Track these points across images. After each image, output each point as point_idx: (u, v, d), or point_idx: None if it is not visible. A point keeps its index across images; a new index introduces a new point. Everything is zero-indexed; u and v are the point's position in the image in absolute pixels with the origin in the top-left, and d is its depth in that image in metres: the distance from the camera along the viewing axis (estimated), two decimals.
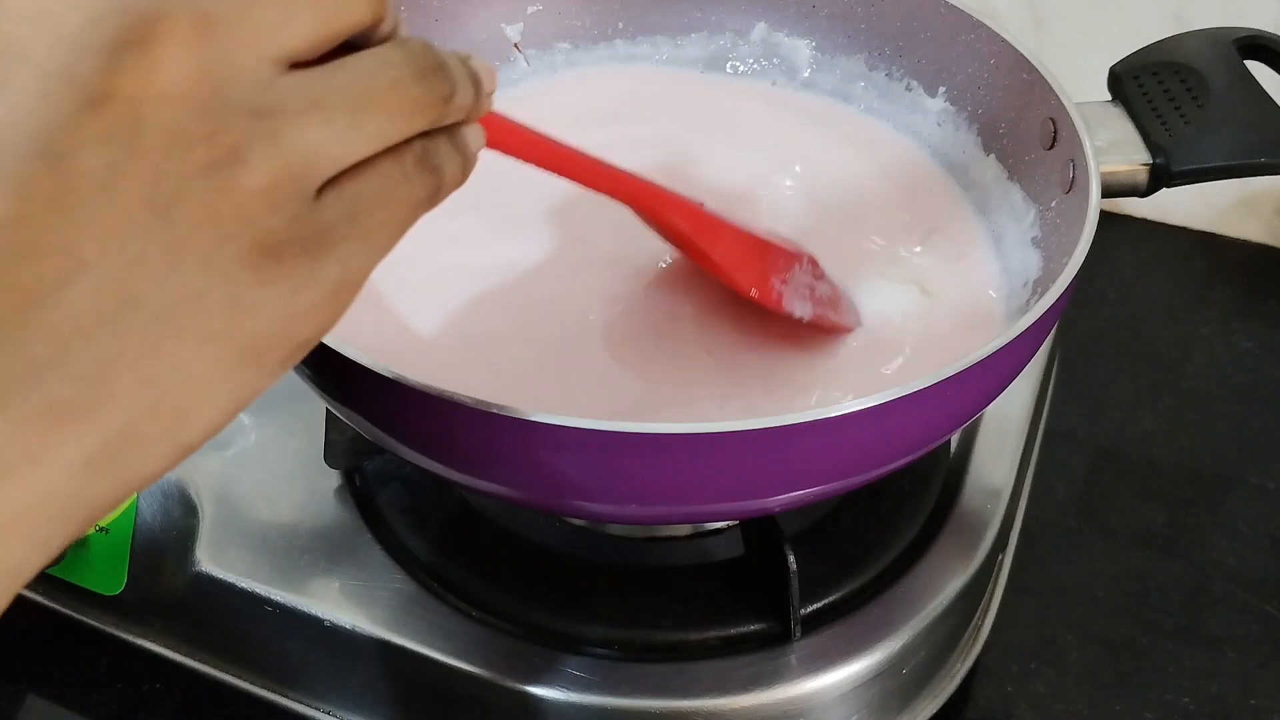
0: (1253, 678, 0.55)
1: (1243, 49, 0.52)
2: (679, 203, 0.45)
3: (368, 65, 0.27)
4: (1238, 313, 0.74)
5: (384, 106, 0.27)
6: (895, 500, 0.53)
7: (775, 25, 0.61)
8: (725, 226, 0.46)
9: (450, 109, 0.29)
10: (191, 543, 0.52)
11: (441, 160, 0.29)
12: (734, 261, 0.46)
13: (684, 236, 0.45)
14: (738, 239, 0.47)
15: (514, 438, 0.37)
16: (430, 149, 0.29)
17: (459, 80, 0.29)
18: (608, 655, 0.48)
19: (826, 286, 0.49)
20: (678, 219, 0.44)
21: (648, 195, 0.43)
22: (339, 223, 0.27)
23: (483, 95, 0.30)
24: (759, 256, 0.47)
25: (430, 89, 0.28)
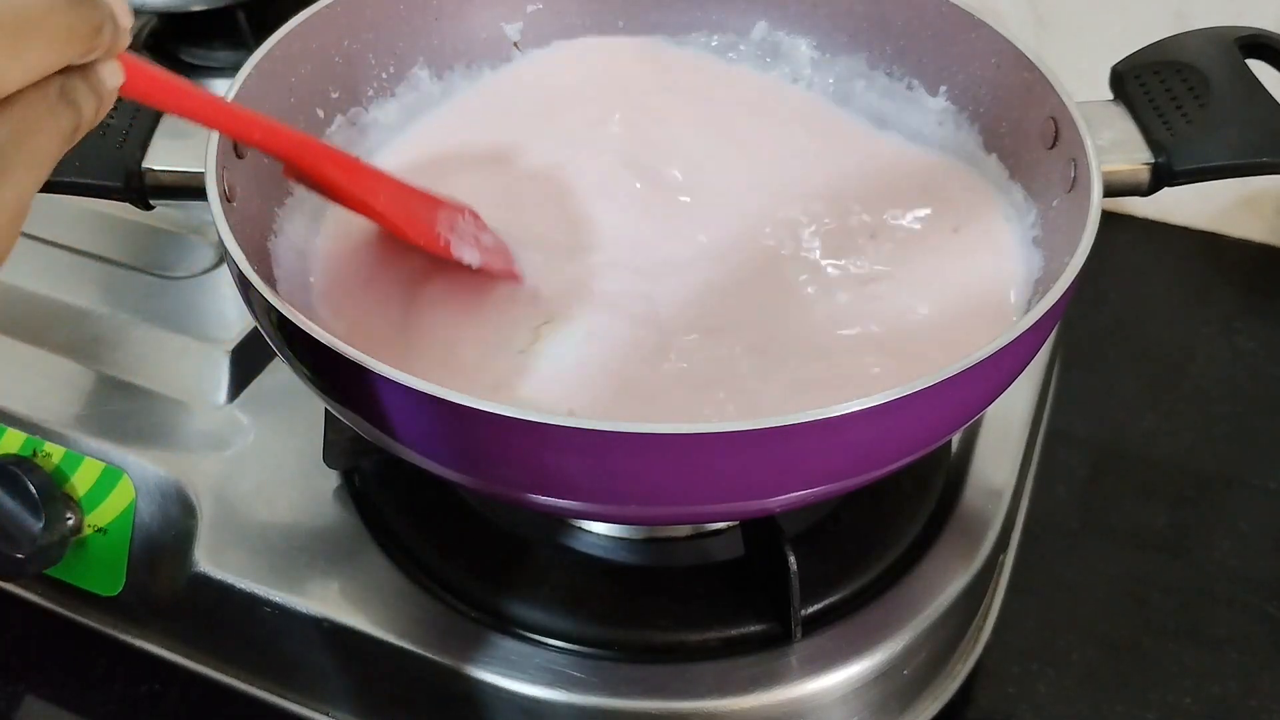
0: (1254, 678, 0.55)
1: (1244, 48, 0.52)
2: (337, 155, 0.45)
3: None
4: (1239, 312, 0.74)
5: (40, 35, 0.28)
6: (896, 500, 0.53)
7: (775, 24, 0.61)
8: (385, 179, 0.48)
9: (99, 41, 0.30)
10: (190, 543, 0.52)
11: (79, 95, 0.30)
12: (399, 213, 0.47)
13: (346, 191, 0.46)
14: (400, 191, 0.48)
15: (514, 438, 0.37)
16: (68, 85, 0.30)
17: (104, 12, 0.30)
18: (608, 656, 0.48)
19: (490, 237, 0.51)
20: (337, 172, 0.45)
21: (304, 148, 0.44)
22: (6, 148, 0.28)
23: (121, 31, 0.31)
24: (422, 207, 0.48)
25: (83, 18, 0.29)
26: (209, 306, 0.61)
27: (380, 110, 0.57)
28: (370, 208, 0.47)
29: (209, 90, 0.39)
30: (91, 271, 0.63)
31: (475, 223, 0.50)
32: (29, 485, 0.52)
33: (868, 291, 0.51)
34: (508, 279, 0.50)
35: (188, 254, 0.64)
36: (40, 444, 0.55)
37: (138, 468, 0.54)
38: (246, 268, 0.41)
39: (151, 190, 0.48)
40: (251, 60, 0.50)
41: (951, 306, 0.50)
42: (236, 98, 0.48)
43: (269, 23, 0.53)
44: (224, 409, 0.57)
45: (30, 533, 0.51)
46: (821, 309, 0.50)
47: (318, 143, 0.45)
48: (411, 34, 0.58)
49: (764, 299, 0.50)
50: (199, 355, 0.58)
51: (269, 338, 0.43)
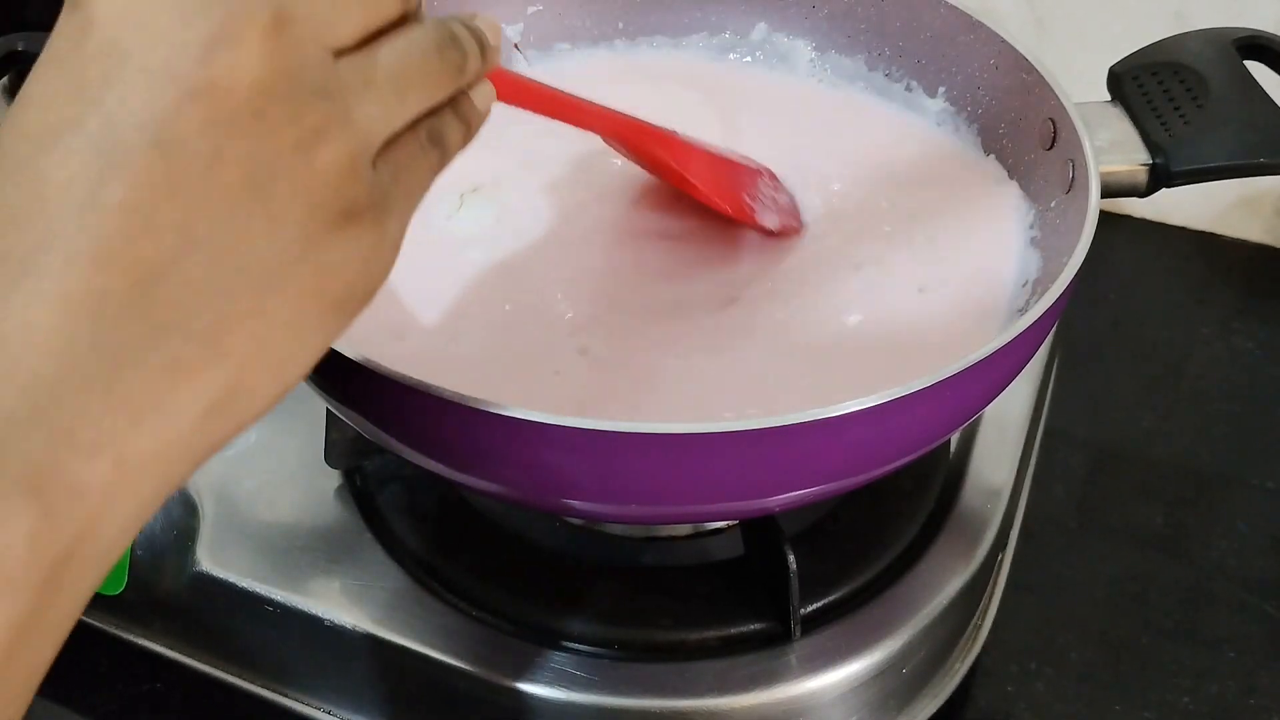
0: (1253, 677, 0.55)
1: (1242, 49, 0.52)
2: (658, 133, 0.49)
3: (401, 47, 0.31)
4: (1238, 313, 0.74)
5: (418, 81, 0.31)
6: (895, 500, 0.53)
7: (775, 25, 0.61)
8: (699, 151, 0.51)
9: (464, 76, 0.33)
10: (192, 543, 0.52)
11: (445, 130, 0.33)
12: (710, 184, 0.50)
13: (665, 165, 0.50)
14: (710, 162, 0.51)
15: (514, 438, 0.38)
16: (437, 123, 0.32)
17: (470, 49, 0.33)
18: (608, 655, 0.48)
19: (786, 196, 0.54)
20: (658, 149, 0.49)
21: (629, 128, 0.48)
22: (390, 186, 0.31)
23: (489, 54, 0.34)
24: (730, 176, 0.52)
25: (448, 60, 0.32)
26: None
27: None
28: (689, 182, 0.50)
29: (553, 87, 0.43)
30: None
31: (773, 184, 0.54)
32: None
33: (865, 290, 0.51)
34: (796, 234, 0.53)
35: None
36: None
37: None
38: None
39: None
40: None
41: (950, 306, 0.50)
42: None
43: None
44: None
45: None
46: (820, 308, 0.50)
47: (648, 125, 0.49)
48: None
49: (762, 296, 0.50)
50: None
51: None
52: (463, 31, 0.33)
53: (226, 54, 0.27)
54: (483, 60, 0.34)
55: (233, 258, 0.27)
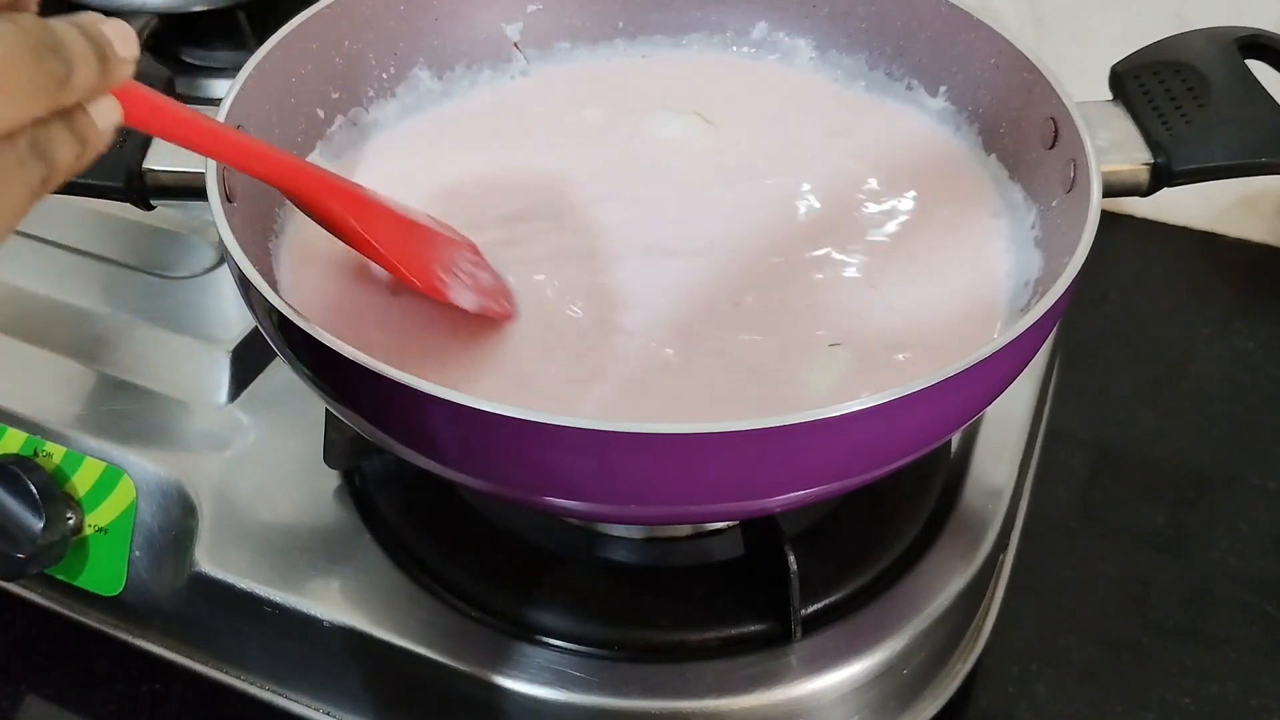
0: (1254, 678, 0.55)
1: (1244, 48, 0.52)
2: (338, 187, 0.43)
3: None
4: (1239, 313, 0.74)
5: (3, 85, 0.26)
6: (895, 500, 0.53)
7: (775, 24, 0.61)
8: (386, 212, 0.45)
9: (66, 91, 0.28)
10: (191, 543, 0.52)
11: (52, 146, 0.28)
12: (397, 250, 0.45)
13: (345, 224, 0.44)
14: (400, 226, 0.45)
15: (514, 438, 0.37)
16: (42, 137, 0.28)
17: (78, 58, 0.28)
18: (608, 655, 0.48)
19: (488, 276, 0.48)
20: (337, 204, 0.43)
21: (304, 178, 0.42)
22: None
23: (112, 67, 0.29)
24: (423, 244, 0.46)
25: (45, 69, 0.27)
26: (209, 306, 0.61)
27: (381, 111, 0.57)
28: (369, 245, 0.44)
29: (209, 118, 0.38)
30: (92, 271, 0.63)
31: (475, 261, 0.48)
32: (30, 485, 0.52)
33: (865, 289, 0.51)
34: (502, 319, 0.48)
35: (188, 254, 0.64)
36: (41, 444, 0.55)
37: (138, 467, 0.54)
38: (247, 268, 0.41)
39: (152, 190, 0.48)
40: (252, 61, 0.50)
41: (950, 306, 0.50)
42: (237, 98, 0.48)
43: (269, 23, 0.53)
44: (225, 409, 0.57)
45: (31, 532, 0.51)
46: (820, 308, 0.50)
47: (327, 177, 0.43)
48: (412, 35, 0.58)
49: (765, 296, 0.50)
50: (199, 355, 0.58)
51: (269, 338, 0.43)
52: (74, 38, 0.28)
53: None
54: (101, 73, 0.29)
55: None
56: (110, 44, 0.29)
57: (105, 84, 0.29)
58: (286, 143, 0.52)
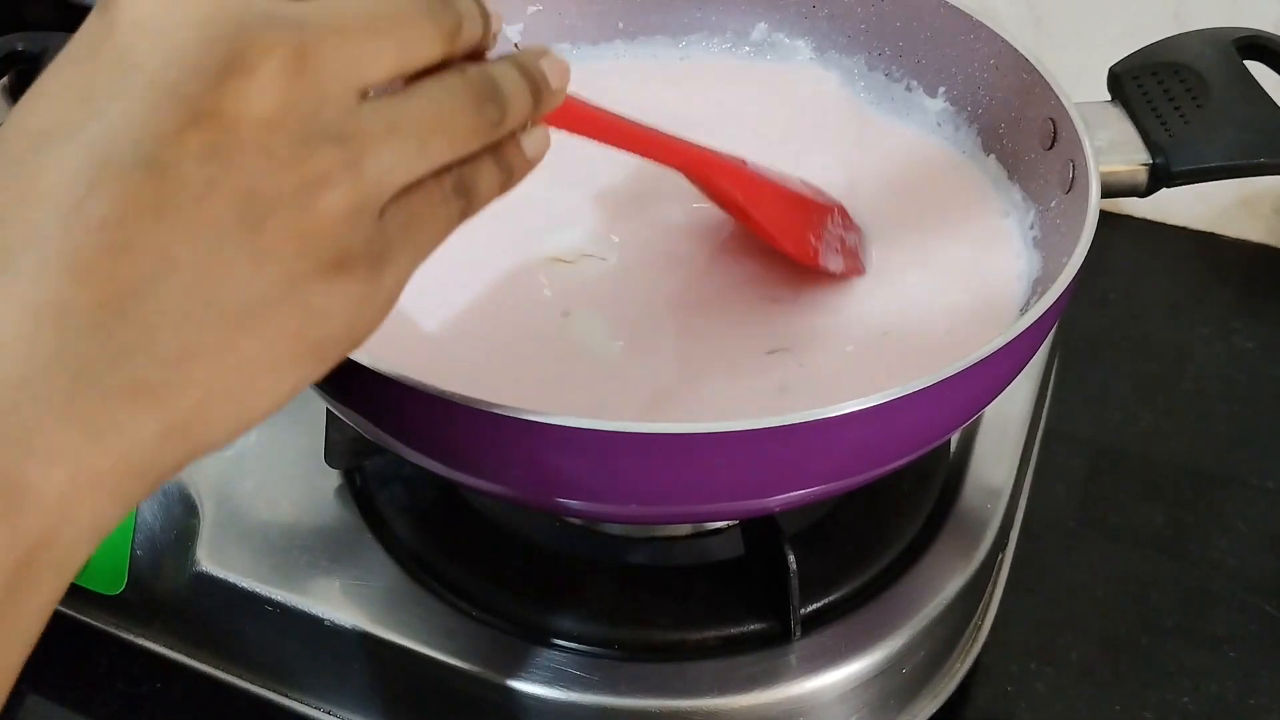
0: (1253, 677, 0.55)
1: (1242, 49, 0.52)
2: (725, 165, 0.47)
3: (435, 93, 0.30)
4: (1238, 313, 0.74)
5: (446, 133, 0.30)
6: (895, 500, 0.53)
7: (775, 26, 0.61)
8: (767, 186, 0.49)
9: (500, 130, 0.31)
10: (192, 542, 0.52)
11: (478, 179, 0.31)
12: (776, 222, 0.48)
13: (732, 199, 0.48)
14: (779, 198, 0.49)
15: (514, 438, 0.38)
16: (467, 172, 0.31)
17: (512, 100, 0.31)
18: (608, 655, 0.48)
19: (854, 236, 0.52)
20: (725, 182, 0.47)
21: (696, 159, 0.46)
22: (396, 236, 0.29)
23: (545, 98, 0.33)
24: (799, 214, 0.50)
25: (484, 115, 0.30)
26: None
27: None
28: (754, 220, 0.48)
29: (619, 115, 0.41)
30: None
31: (843, 222, 0.52)
32: None
33: (865, 290, 0.51)
34: (856, 274, 0.51)
35: None
36: None
37: None
38: None
39: None
40: None
41: (949, 306, 0.50)
42: None
43: None
44: None
45: None
46: (819, 308, 0.50)
47: (714, 156, 0.46)
48: None
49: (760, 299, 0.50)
50: None
51: None
52: (512, 80, 0.31)
53: (239, 82, 0.26)
54: (535, 108, 0.32)
55: (210, 290, 0.27)
56: (545, 79, 0.32)
57: (536, 117, 0.33)
58: None
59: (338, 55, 0.28)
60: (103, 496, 0.27)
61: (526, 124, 0.33)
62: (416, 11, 0.29)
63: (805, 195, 0.51)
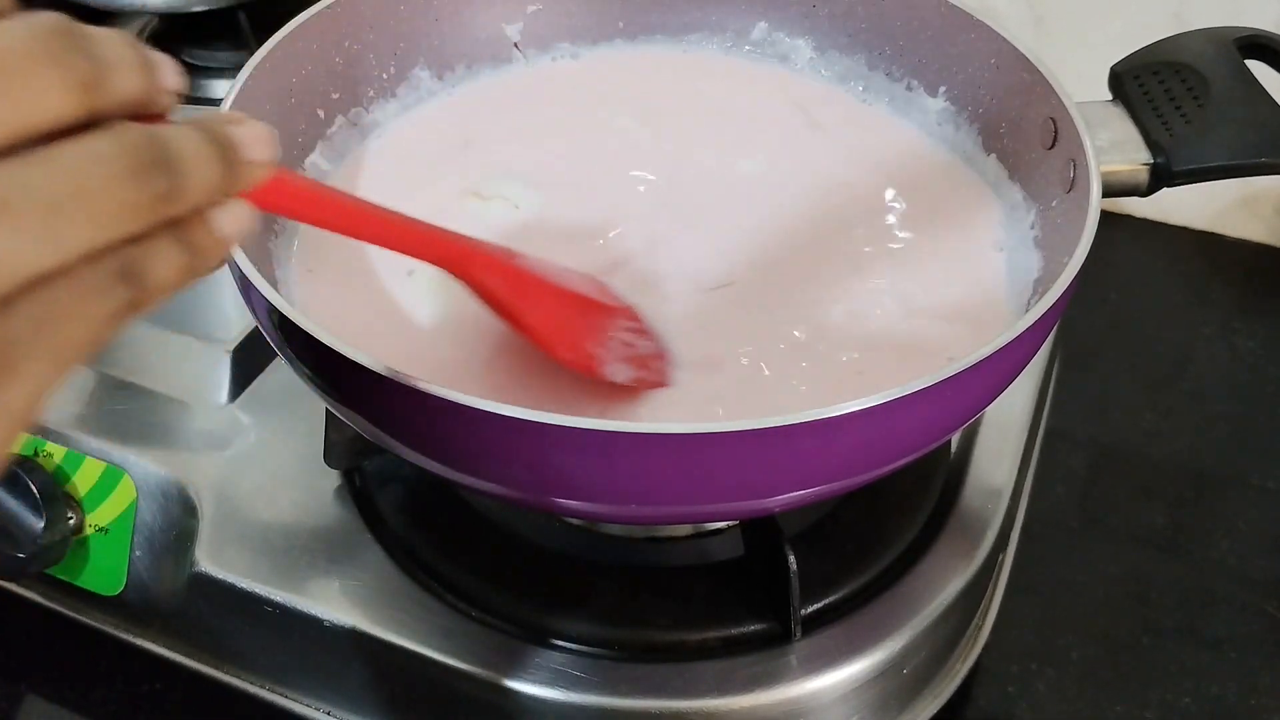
0: (1253, 677, 0.55)
1: (1243, 48, 0.52)
2: (486, 259, 0.41)
3: (70, 160, 0.23)
4: (1238, 312, 0.74)
5: (85, 210, 0.23)
6: (895, 500, 0.53)
7: (775, 25, 0.61)
8: (537, 283, 0.43)
9: (174, 206, 0.25)
10: (191, 543, 0.52)
11: (152, 265, 0.25)
12: (548, 325, 0.43)
13: (498, 298, 0.42)
14: (552, 297, 0.43)
15: (514, 438, 0.37)
16: (137, 256, 0.25)
17: (190, 168, 0.25)
18: (608, 655, 0.48)
19: (649, 344, 0.46)
20: (488, 279, 0.41)
21: (458, 255, 0.40)
22: (22, 339, 0.23)
23: (240, 169, 0.27)
24: (576, 316, 0.44)
25: (144, 187, 0.24)
26: (209, 306, 0.61)
27: (381, 111, 0.57)
28: (523, 323, 0.42)
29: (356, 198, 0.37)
30: None
31: (633, 326, 0.46)
32: (30, 485, 0.52)
33: (865, 290, 0.51)
34: (655, 387, 0.45)
35: None
36: (41, 444, 0.55)
37: (139, 467, 0.54)
38: (248, 268, 0.41)
39: None
40: (252, 61, 0.50)
41: (950, 306, 0.50)
42: (237, 98, 0.48)
43: (270, 23, 0.53)
44: (225, 409, 0.57)
45: (32, 532, 0.51)
46: (819, 308, 0.50)
47: (477, 247, 0.41)
48: (412, 35, 0.58)
49: (765, 296, 0.50)
50: (200, 355, 0.58)
51: (270, 338, 0.43)
52: (190, 145, 0.25)
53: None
54: (223, 180, 0.26)
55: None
56: (237, 148, 0.27)
57: (228, 191, 0.27)
58: (287, 143, 0.52)
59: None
60: None
61: (215, 200, 0.27)
62: (31, 54, 0.23)
63: (586, 294, 0.45)
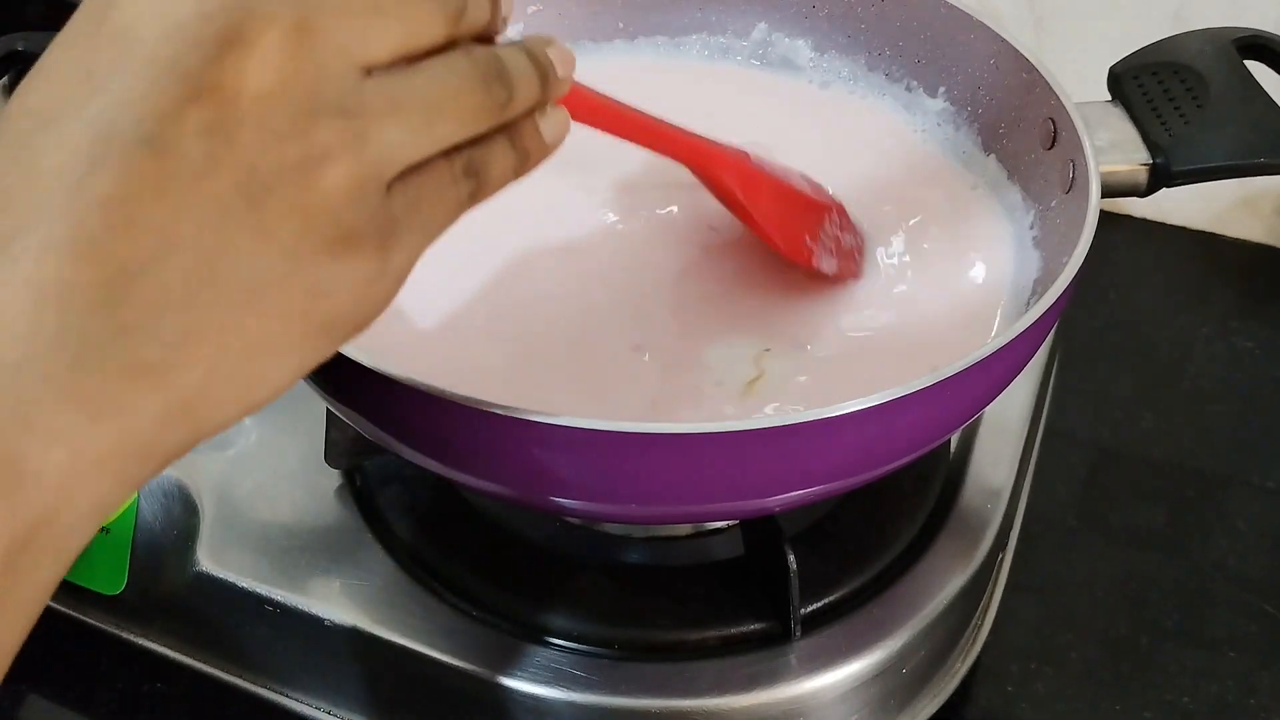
0: (1253, 678, 0.55)
1: (1242, 49, 0.52)
2: (726, 159, 0.47)
3: (439, 73, 0.29)
4: (1238, 313, 0.74)
5: (452, 112, 0.29)
6: (895, 500, 0.53)
7: (775, 25, 0.61)
8: (767, 181, 0.48)
9: (509, 111, 0.31)
10: (192, 542, 0.52)
11: (490, 162, 0.31)
12: (772, 220, 0.48)
13: (730, 194, 0.47)
14: (777, 195, 0.49)
15: (513, 437, 0.38)
16: (478, 154, 0.31)
17: (519, 82, 0.31)
18: (608, 655, 0.48)
19: (851, 237, 0.51)
20: (726, 176, 0.47)
21: (700, 153, 0.46)
22: (403, 216, 0.29)
23: (553, 84, 0.33)
24: (796, 212, 0.49)
25: (492, 95, 0.30)
26: None
27: None
28: (750, 215, 0.48)
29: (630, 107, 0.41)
30: None
31: (841, 221, 0.51)
32: None
33: (865, 290, 0.51)
34: (850, 278, 0.51)
35: None
36: None
37: None
38: None
39: None
40: None
41: (950, 306, 0.50)
42: None
43: None
44: None
45: None
46: (819, 308, 0.50)
47: (716, 149, 0.47)
48: None
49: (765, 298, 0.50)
50: None
51: None
52: (520, 63, 0.31)
53: (238, 56, 0.26)
54: (543, 92, 0.32)
55: (213, 268, 0.26)
56: (552, 66, 0.33)
57: (544, 101, 0.33)
58: None
59: (339, 30, 0.27)
60: (104, 477, 0.27)
61: (535, 108, 0.33)
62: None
63: (805, 193, 0.51)
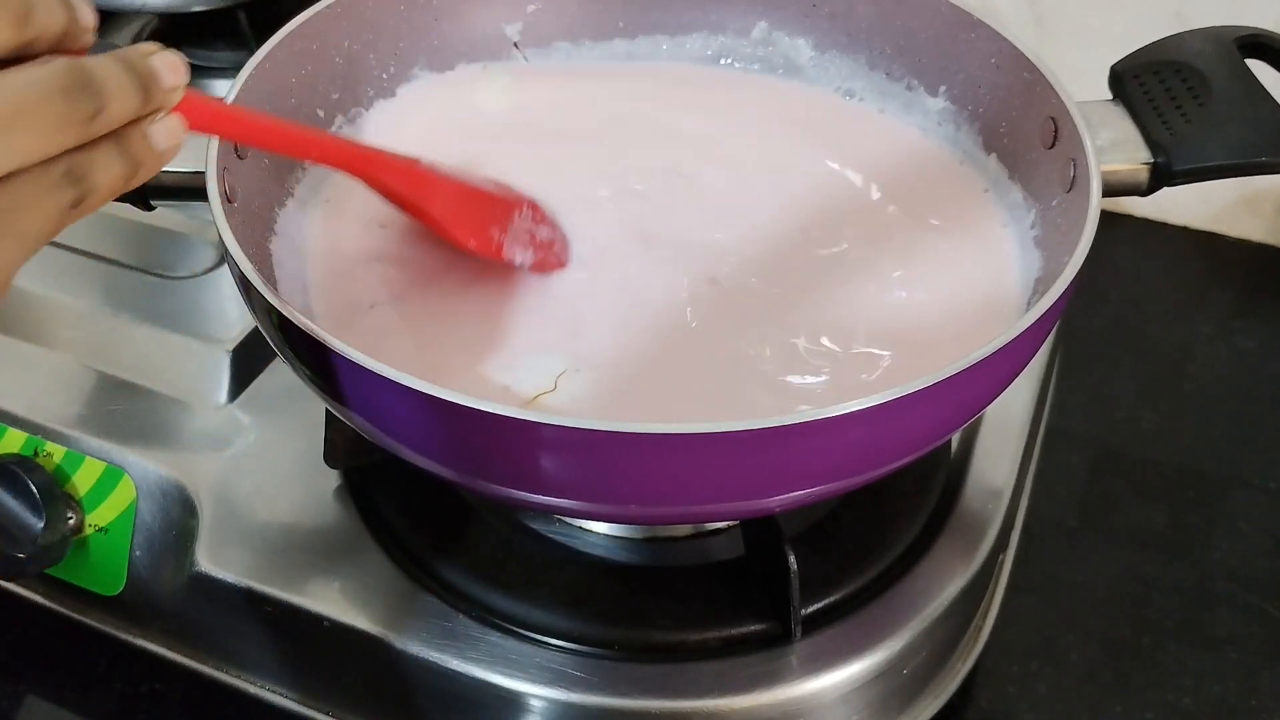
0: (1254, 678, 0.55)
1: (1244, 48, 0.52)
2: (391, 162, 0.46)
3: (12, 84, 0.29)
4: (1238, 312, 0.74)
5: (28, 123, 0.29)
6: (895, 500, 0.53)
7: (775, 24, 0.61)
8: (440, 182, 0.48)
9: (102, 120, 0.31)
10: (191, 543, 0.52)
11: (94, 169, 0.31)
12: (451, 216, 0.48)
13: (401, 196, 0.47)
14: (452, 193, 0.48)
15: (513, 438, 0.37)
16: (80, 161, 0.31)
17: (111, 92, 0.31)
18: (608, 655, 0.48)
19: (547, 230, 0.51)
20: (392, 179, 0.46)
21: (360, 159, 0.46)
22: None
23: (155, 93, 0.32)
24: (477, 208, 0.49)
25: (74, 106, 0.30)
26: (209, 306, 0.61)
27: (381, 111, 0.57)
28: (426, 214, 0.48)
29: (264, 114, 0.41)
30: (92, 271, 0.63)
31: (534, 215, 0.51)
32: (30, 485, 0.52)
33: (865, 290, 0.51)
34: (555, 269, 0.51)
35: (188, 254, 0.64)
36: (41, 444, 0.55)
37: (139, 467, 0.54)
38: (247, 268, 0.41)
39: (152, 190, 0.48)
40: (252, 61, 0.50)
41: (950, 306, 0.50)
42: (237, 98, 0.48)
43: (270, 23, 0.53)
44: (225, 409, 0.57)
45: (31, 532, 0.51)
46: (820, 309, 0.50)
47: (380, 154, 0.46)
48: (412, 34, 0.58)
49: (765, 298, 0.50)
50: (200, 355, 0.58)
51: (269, 338, 0.43)
52: (110, 72, 0.31)
53: None
54: (145, 102, 0.32)
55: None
56: (155, 74, 0.32)
57: (149, 110, 0.32)
58: None
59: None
60: None
61: (143, 117, 0.32)
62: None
63: (487, 191, 0.50)
